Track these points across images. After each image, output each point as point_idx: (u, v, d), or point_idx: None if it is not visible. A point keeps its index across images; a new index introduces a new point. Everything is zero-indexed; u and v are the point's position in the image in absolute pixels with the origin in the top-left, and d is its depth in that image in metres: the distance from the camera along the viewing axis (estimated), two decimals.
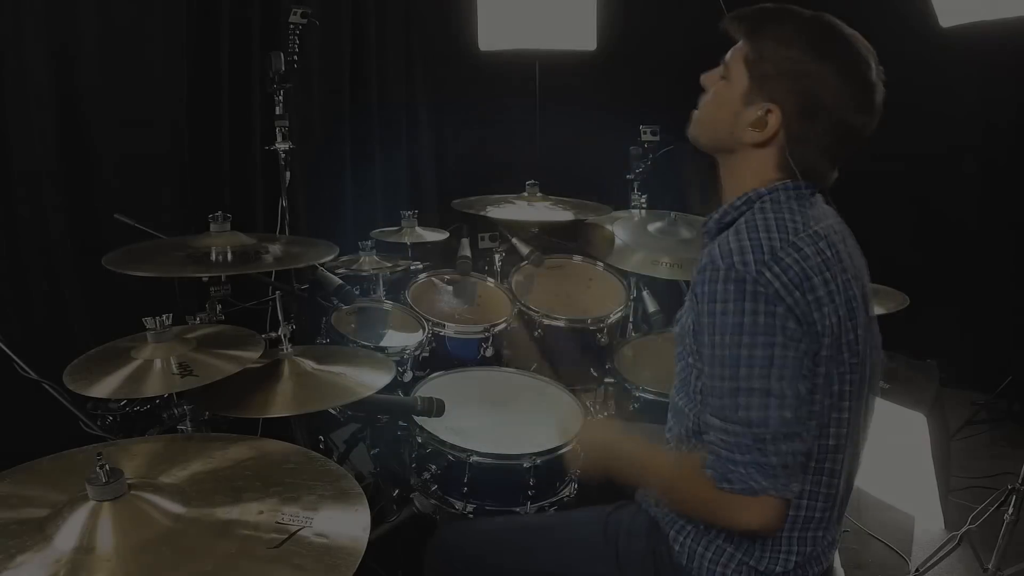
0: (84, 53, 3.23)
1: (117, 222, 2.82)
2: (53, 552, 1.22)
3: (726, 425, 1.51)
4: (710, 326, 1.51)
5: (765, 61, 1.59)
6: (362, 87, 4.78)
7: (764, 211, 1.59)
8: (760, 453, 1.48)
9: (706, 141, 1.75)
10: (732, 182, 1.72)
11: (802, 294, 1.48)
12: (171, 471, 1.47)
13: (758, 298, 1.45)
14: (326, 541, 1.28)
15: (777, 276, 1.46)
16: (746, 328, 1.46)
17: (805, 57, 1.56)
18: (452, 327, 3.12)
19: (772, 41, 1.59)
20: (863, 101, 1.59)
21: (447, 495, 2.44)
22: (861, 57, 1.58)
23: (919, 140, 4.77)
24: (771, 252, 1.49)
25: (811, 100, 1.56)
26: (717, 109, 1.70)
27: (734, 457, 1.50)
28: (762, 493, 1.49)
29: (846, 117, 1.58)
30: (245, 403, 2.05)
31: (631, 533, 1.85)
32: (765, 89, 1.60)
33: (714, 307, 1.49)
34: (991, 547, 2.89)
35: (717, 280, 1.49)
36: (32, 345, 3.01)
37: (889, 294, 3.12)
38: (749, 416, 1.48)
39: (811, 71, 1.55)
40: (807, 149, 1.61)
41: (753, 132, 1.62)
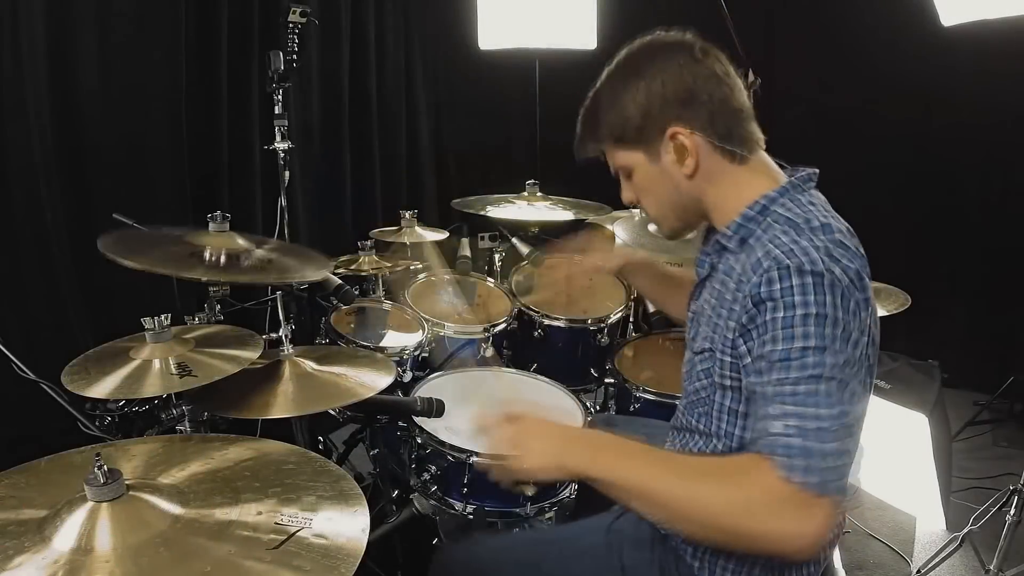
0: (82, 50, 3.22)
1: (116, 222, 2.81)
2: (51, 553, 1.21)
3: (804, 411, 1.36)
4: (783, 321, 1.41)
5: (624, 125, 1.65)
6: (361, 86, 4.77)
7: (791, 210, 1.57)
8: (841, 444, 1.36)
9: (677, 219, 1.78)
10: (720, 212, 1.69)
11: (859, 293, 1.45)
12: (170, 472, 1.46)
13: (835, 289, 1.40)
14: (325, 542, 1.27)
15: (843, 273, 1.43)
16: (827, 319, 1.39)
17: (632, 87, 1.62)
18: (452, 327, 3.11)
19: (610, 116, 1.67)
20: (689, 52, 1.62)
21: (447, 496, 2.43)
22: (642, 41, 1.68)
23: (921, 139, 4.78)
24: (827, 251, 1.45)
25: (673, 92, 1.60)
26: (653, 192, 1.74)
27: (813, 447, 1.34)
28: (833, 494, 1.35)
29: (698, 70, 1.61)
30: (246, 404, 2.04)
31: (635, 543, 1.84)
32: (651, 136, 1.64)
33: (793, 300, 1.41)
34: (993, 548, 2.89)
35: (788, 276, 1.42)
36: (30, 345, 3.03)
37: (891, 294, 3.11)
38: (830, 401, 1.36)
39: (651, 85, 1.61)
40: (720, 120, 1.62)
41: (684, 163, 1.64)
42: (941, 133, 4.72)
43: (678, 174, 1.65)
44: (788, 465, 1.34)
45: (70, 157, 3.23)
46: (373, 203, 4.93)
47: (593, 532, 1.93)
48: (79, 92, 3.24)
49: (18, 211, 3.07)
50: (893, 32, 4.43)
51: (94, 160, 3.32)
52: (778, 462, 1.35)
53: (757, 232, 1.59)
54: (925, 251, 4.98)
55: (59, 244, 3.17)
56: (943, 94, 4.56)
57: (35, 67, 3.05)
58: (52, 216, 3.15)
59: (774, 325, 1.42)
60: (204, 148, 3.73)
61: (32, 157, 3.07)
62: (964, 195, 4.85)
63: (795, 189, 1.62)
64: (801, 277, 1.41)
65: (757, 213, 1.61)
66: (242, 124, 3.90)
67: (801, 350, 1.38)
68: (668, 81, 1.59)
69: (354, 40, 4.66)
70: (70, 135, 3.22)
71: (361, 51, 4.73)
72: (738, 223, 1.63)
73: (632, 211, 3.74)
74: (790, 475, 1.33)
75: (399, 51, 5.08)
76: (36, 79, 3.06)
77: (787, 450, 1.35)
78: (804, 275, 1.41)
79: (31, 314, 3.13)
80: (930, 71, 4.45)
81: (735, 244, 1.64)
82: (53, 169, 3.15)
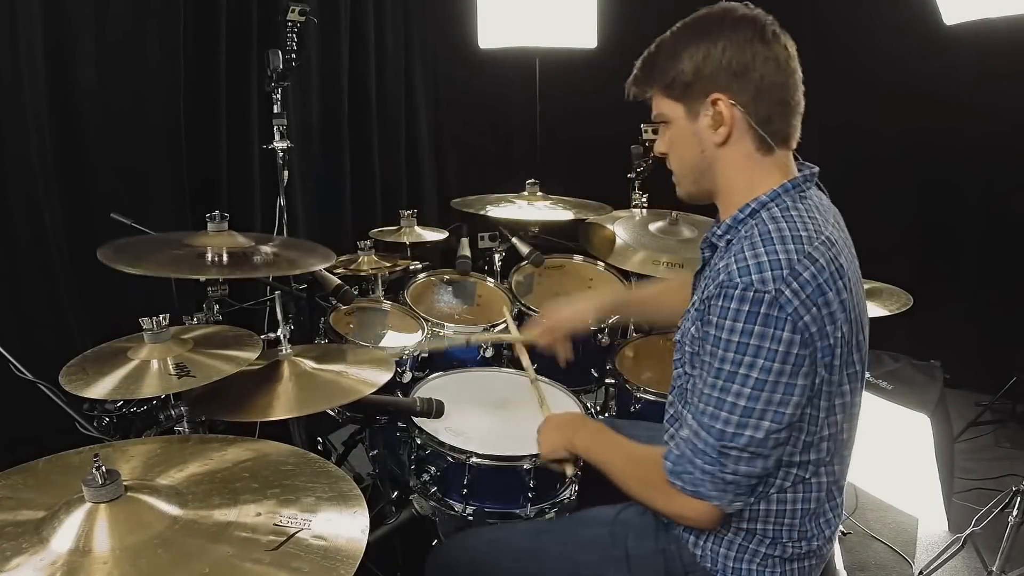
0: (80, 49, 3.21)
1: (113, 222, 2.80)
2: (49, 554, 1.21)
3: (699, 431, 1.60)
4: (716, 339, 1.55)
5: (677, 79, 1.68)
6: (361, 85, 4.77)
7: (775, 219, 1.61)
8: (720, 467, 1.59)
9: (692, 183, 1.80)
10: (729, 197, 1.75)
11: (818, 309, 1.52)
12: (168, 473, 1.46)
13: (769, 322, 1.49)
14: (324, 543, 1.27)
15: (796, 293, 1.50)
16: (750, 350, 1.51)
17: (697, 45, 1.65)
18: (451, 327, 3.10)
19: (668, 64, 1.69)
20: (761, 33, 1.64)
21: (446, 497, 2.41)
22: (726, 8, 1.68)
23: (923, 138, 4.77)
24: (789, 267, 1.51)
25: (732, 62, 1.63)
26: (680, 149, 1.77)
27: (695, 461, 1.61)
28: (706, 501, 1.62)
29: (765, 52, 1.63)
30: (245, 405, 2.03)
31: (639, 533, 1.86)
32: (696, 95, 1.68)
33: (724, 323, 1.53)
34: (995, 549, 2.88)
35: (732, 298, 1.52)
36: (28, 346, 3.02)
37: (893, 294, 3.11)
38: (724, 430, 1.56)
39: (710, 48, 1.63)
40: (764, 104, 1.65)
41: (717, 131, 1.67)
42: (943, 132, 4.71)
43: (708, 139, 1.69)
44: (669, 468, 1.66)
45: (68, 157, 3.22)
46: (372, 203, 4.92)
47: (597, 523, 1.95)
48: (77, 91, 3.23)
49: (16, 211, 3.06)
50: (895, 31, 4.42)
51: (92, 160, 3.31)
52: (666, 463, 1.67)
53: (740, 235, 1.65)
54: (927, 251, 4.97)
55: (57, 244, 3.16)
56: (945, 93, 4.54)
57: (33, 66, 3.04)
58: (50, 216, 3.14)
59: (709, 338, 1.58)
60: (202, 147, 3.73)
61: (30, 157, 3.06)
62: (966, 194, 4.84)
63: (787, 194, 1.66)
64: (740, 302, 1.51)
65: (747, 215, 1.67)
66: (241, 123, 3.89)
67: (717, 371, 1.56)
68: (729, 49, 1.62)
69: (353, 39, 4.65)
70: (68, 135, 3.21)
71: (360, 50, 4.72)
72: (728, 224, 1.71)
73: (632, 211, 3.74)
74: (669, 476, 1.66)
75: (399, 50, 5.07)
76: (34, 78, 3.05)
77: (671, 452, 1.67)
78: (744, 300, 1.50)
79: (29, 314, 3.12)
80: (932, 70, 4.44)
81: (723, 244, 1.71)
82: (51, 169, 3.14)
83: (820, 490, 1.70)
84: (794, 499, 1.68)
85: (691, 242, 3.39)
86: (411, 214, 3.58)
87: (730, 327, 1.52)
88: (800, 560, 1.74)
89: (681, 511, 1.68)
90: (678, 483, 1.64)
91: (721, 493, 1.60)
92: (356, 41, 4.68)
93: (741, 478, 1.59)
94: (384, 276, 3.32)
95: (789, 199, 1.65)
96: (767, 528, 1.70)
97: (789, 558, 1.73)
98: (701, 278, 1.83)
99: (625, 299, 2.73)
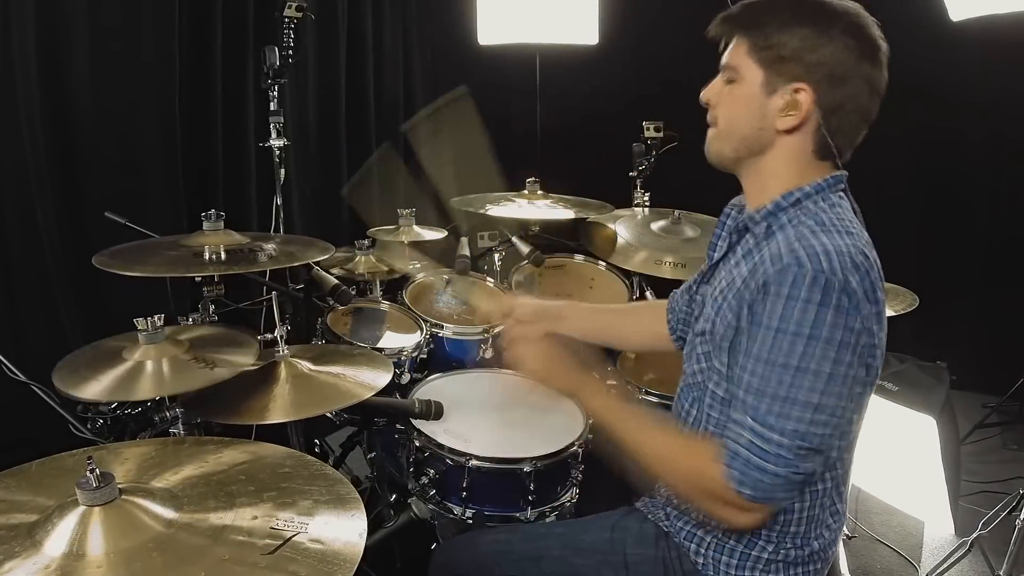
0: (74, 46, 3.20)
1: (108, 221, 2.78)
2: (42, 558, 1.20)
3: (764, 431, 1.49)
4: (779, 327, 1.47)
5: (775, 47, 1.59)
6: (359, 82, 4.77)
7: (824, 211, 1.58)
8: (794, 469, 1.49)
9: (732, 149, 1.71)
10: (766, 182, 1.69)
11: (871, 306, 1.47)
12: (163, 475, 1.45)
13: (840, 310, 1.43)
14: (322, 547, 1.26)
15: (860, 284, 1.45)
16: (821, 338, 1.43)
17: (813, 31, 1.57)
18: (450, 328, 3.08)
19: (774, 27, 1.60)
20: (876, 55, 1.60)
21: (445, 500, 2.39)
22: (858, 13, 1.60)
23: (929, 136, 4.77)
24: (851, 257, 1.46)
25: (836, 67, 1.57)
26: (738, 110, 1.68)
27: (766, 468, 1.49)
28: (767, 503, 1.54)
29: (869, 73, 1.59)
30: (241, 408, 2.02)
31: (639, 540, 1.85)
32: (784, 73, 1.59)
33: (793, 307, 1.45)
34: (1002, 553, 2.87)
35: (803, 283, 1.44)
36: (21, 347, 2.99)
37: (899, 294, 3.09)
38: (795, 428, 1.47)
39: (824, 42, 1.56)
40: (843, 118, 1.61)
41: (786, 118, 1.61)
42: (950, 130, 4.72)
43: (772, 120, 1.63)
44: (730, 474, 1.52)
45: (61, 155, 3.20)
46: (370, 201, 4.88)
47: (597, 528, 1.93)
48: (71, 89, 3.22)
49: (8, 210, 3.05)
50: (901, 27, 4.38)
51: (86, 158, 3.30)
52: (724, 467, 1.53)
53: (783, 222, 1.61)
54: (933, 251, 4.96)
55: (50, 243, 3.15)
56: (952, 90, 4.54)
57: (26, 63, 3.03)
58: (43, 215, 3.12)
59: (768, 328, 1.48)
60: (198, 145, 3.73)
61: (23, 155, 3.05)
62: (973, 193, 4.85)
63: (829, 189, 1.63)
64: (811, 290, 1.43)
65: (790, 204, 1.62)
66: (237, 121, 3.90)
67: (783, 367, 1.46)
68: (841, 52, 1.56)
69: (351, 35, 4.66)
70: (61, 133, 3.20)
71: (358, 46, 4.73)
72: (769, 210, 1.65)
73: (635, 210, 3.73)
74: (738, 487, 1.51)
75: (397, 46, 5.08)
76: (27, 75, 3.04)
77: (735, 460, 1.52)
78: (815, 287, 1.43)
79: (21, 315, 3.11)
80: (938, 67, 4.43)
81: (761, 230, 1.65)
82: (44, 167, 3.13)
83: (825, 494, 1.67)
84: (799, 503, 1.65)
85: (694, 241, 3.37)
86: (410, 213, 3.55)
87: (801, 310, 1.44)
88: (804, 564, 1.72)
89: (738, 519, 1.57)
90: (748, 492, 1.51)
91: (788, 494, 1.54)
92: (354, 37, 4.69)
93: (808, 476, 1.53)
94: (382, 276, 3.29)
95: (833, 195, 1.63)
96: (771, 534, 1.68)
97: (793, 562, 1.71)
98: (727, 265, 1.75)
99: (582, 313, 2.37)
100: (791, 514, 1.65)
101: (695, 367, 1.76)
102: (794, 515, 1.65)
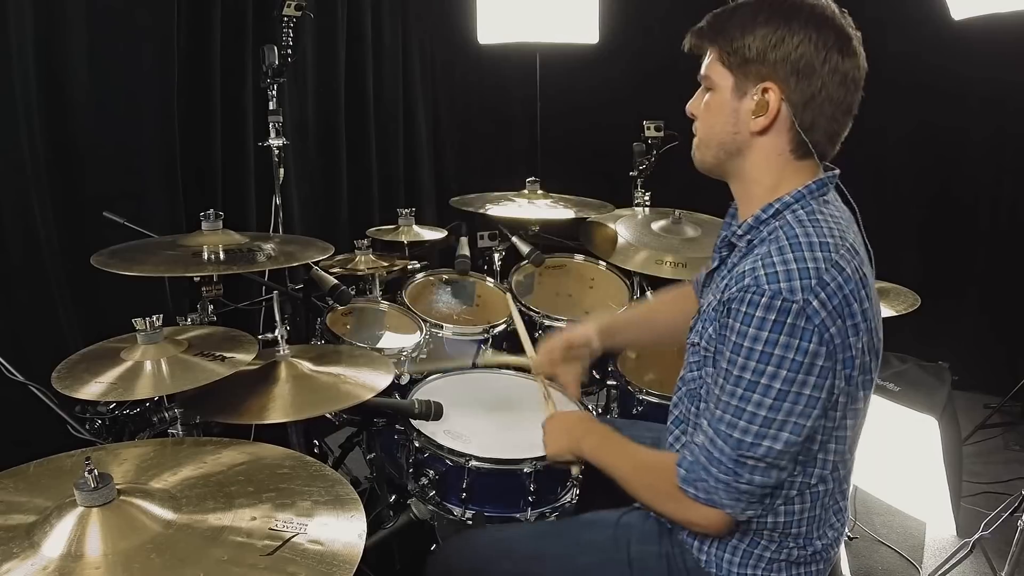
0: (72, 45, 3.19)
1: (106, 220, 2.78)
2: (40, 559, 1.20)
3: (715, 439, 1.57)
4: (737, 346, 1.52)
5: (739, 51, 1.62)
6: (358, 81, 4.76)
7: (801, 222, 1.58)
8: (735, 477, 1.57)
9: (712, 156, 1.74)
10: (750, 189, 1.71)
11: (843, 321, 1.49)
12: (161, 476, 1.45)
13: (795, 333, 1.46)
14: (321, 548, 1.26)
15: (823, 304, 1.47)
16: (774, 360, 1.48)
17: (773, 28, 1.58)
18: (450, 328, 3.07)
19: (737, 32, 1.62)
20: (844, 44, 1.59)
21: (445, 501, 2.39)
22: (819, 4, 1.61)
23: (931, 135, 4.76)
24: (817, 276, 1.48)
25: (799, 61, 1.58)
26: (713, 118, 1.71)
27: (709, 469, 1.59)
28: (719, 509, 1.60)
29: (838, 63, 1.59)
30: (241, 408, 2.02)
31: (642, 537, 1.85)
32: (751, 74, 1.61)
33: (747, 330, 1.50)
34: (1004, 554, 2.85)
35: (757, 305, 1.48)
36: (19, 347, 2.98)
37: (900, 294, 3.09)
38: (742, 439, 1.54)
39: (786, 36, 1.57)
40: (814, 112, 1.61)
41: (757, 119, 1.62)
42: (952, 129, 4.71)
43: (745, 122, 1.64)
44: (682, 476, 1.64)
45: (59, 154, 3.18)
46: (370, 201, 4.90)
47: (599, 526, 1.93)
48: (69, 87, 3.20)
49: (6, 209, 3.03)
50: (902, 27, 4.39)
51: (84, 157, 3.28)
52: (679, 470, 1.65)
53: (764, 236, 1.62)
54: (935, 250, 4.95)
55: (49, 243, 3.13)
56: (953, 90, 4.53)
57: (24, 62, 3.01)
58: (41, 214, 3.10)
59: (730, 343, 1.54)
60: (196, 145, 3.71)
61: (21, 154, 3.02)
62: (974, 193, 4.83)
63: (812, 196, 1.63)
64: (767, 310, 1.47)
65: (770, 216, 1.64)
66: (235, 120, 3.88)
67: (736, 379, 1.53)
68: (804, 45, 1.57)
69: (350, 34, 4.65)
70: (59, 132, 3.18)
71: (358, 45, 4.72)
72: (749, 224, 1.67)
73: (635, 209, 3.72)
74: (683, 484, 1.64)
75: (396, 45, 5.07)
76: (25, 74, 3.02)
77: (684, 459, 1.65)
78: (771, 309, 1.47)
79: (19, 315, 3.09)
80: (940, 66, 4.43)
81: (744, 243, 1.68)
82: (42, 167, 3.11)
83: (826, 495, 1.68)
84: (801, 504, 1.66)
85: (694, 241, 3.36)
86: (409, 212, 3.55)
87: (754, 335, 1.49)
88: (806, 564, 1.73)
89: (692, 518, 1.67)
90: (691, 490, 1.62)
91: (735, 502, 1.59)
92: (353, 36, 4.68)
93: (756, 488, 1.57)
94: (382, 276, 3.28)
95: (814, 201, 1.62)
96: (773, 533, 1.69)
97: (795, 562, 1.72)
98: (716, 278, 1.79)
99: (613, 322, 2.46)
100: (793, 514, 1.66)
101: (688, 375, 1.79)
102: (795, 515, 1.67)
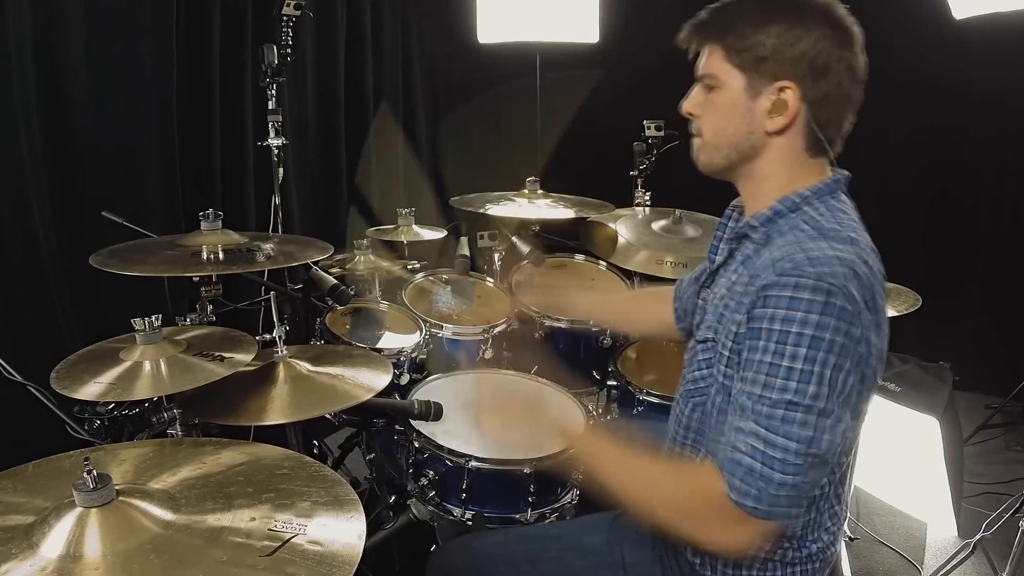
0: (71, 44, 3.18)
1: (105, 220, 2.77)
2: (39, 560, 1.19)
3: (771, 436, 1.42)
4: (781, 333, 1.42)
5: (752, 49, 1.57)
6: (358, 81, 4.76)
7: (822, 215, 1.56)
8: (802, 477, 1.43)
9: (723, 157, 1.69)
10: (760, 187, 1.67)
11: (872, 314, 1.44)
12: (161, 476, 1.44)
13: (843, 316, 1.39)
14: (320, 549, 1.25)
15: (859, 291, 1.41)
16: (824, 345, 1.39)
17: (788, 25, 1.55)
18: (450, 328, 3.07)
19: (748, 29, 1.58)
20: (850, 40, 1.58)
21: (445, 501, 2.39)
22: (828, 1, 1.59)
23: (932, 135, 4.76)
24: (851, 265, 1.43)
25: (816, 58, 1.55)
26: (723, 119, 1.66)
27: (772, 475, 1.42)
28: (777, 520, 1.46)
29: (849, 60, 1.57)
30: (240, 409, 2.01)
31: (637, 539, 1.84)
32: (766, 73, 1.58)
33: (794, 315, 1.40)
34: (1005, 555, 2.87)
35: (805, 288, 1.40)
36: (17, 348, 2.98)
37: (901, 294, 3.07)
38: (803, 434, 1.41)
39: (801, 34, 1.54)
40: (830, 109, 1.60)
41: (774, 119, 1.59)
42: (953, 129, 4.71)
43: (760, 122, 1.61)
44: (739, 487, 1.44)
45: (58, 154, 3.18)
46: (369, 200, 4.88)
47: (594, 529, 1.93)
48: (67, 87, 3.20)
49: (5, 209, 3.03)
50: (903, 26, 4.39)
51: (83, 157, 3.27)
52: (731, 481, 1.45)
53: (783, 228, 1.58)
54: (936, 250, 4.95)
55: (47, 243, 3.12)
56: (954, 89, 4.53)
57: (22, 61, 3.00)
58: (40, 214, 3.10)
59: (770, 333, 1.44)
60: (196, 144, 3.71)
61: (20, 153, 3.02)
62: (975, 193, 4.84)
63: (829, 193, 1.61)
64: (813, 293, 1.40)
65: (788, 209, 1.60)
66: (235, 120, 3.88)
67: (787, 369, 1.41)
68: (818, 45, 1.54)
69: (350, 33, 4.65)
70: (58, 131, 3.17)
71: (357, 44, 4.72)
72: (767, 216, 1.62)
73: (635, 209, 3.71)
74: (741, 498, 1.43)
75: (396, 44, 5.08)
76: (23, 73, 3.02)
77: (741, 470, 1.44)
78: (818, 292, 1.39)
79: (18, 315, 3.09)
80: (941, 65, 4.42)
81: (759, 235, 1.63)
82: (41, 166, 3.10)
83: (822, 498, 1.64)
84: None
85: (695, 241, 3.36)
86: (409, 212, 3.54)
87: (802, 318, 1.40)
88: (802, 563, 1.69)
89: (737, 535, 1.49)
90: (750, 505, 1.43)
91: (796, 508, 1.47)
92: (353, 36, 4.68)
93: (813, 487, 1.49)
94: (381, 276, 3.28)
95: (829, 197, 1.60)
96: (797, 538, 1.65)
97: (790, 562, 1.68)
98: (725, 271, 1.75)
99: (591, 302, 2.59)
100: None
101: (696, 374, 1.73)
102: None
